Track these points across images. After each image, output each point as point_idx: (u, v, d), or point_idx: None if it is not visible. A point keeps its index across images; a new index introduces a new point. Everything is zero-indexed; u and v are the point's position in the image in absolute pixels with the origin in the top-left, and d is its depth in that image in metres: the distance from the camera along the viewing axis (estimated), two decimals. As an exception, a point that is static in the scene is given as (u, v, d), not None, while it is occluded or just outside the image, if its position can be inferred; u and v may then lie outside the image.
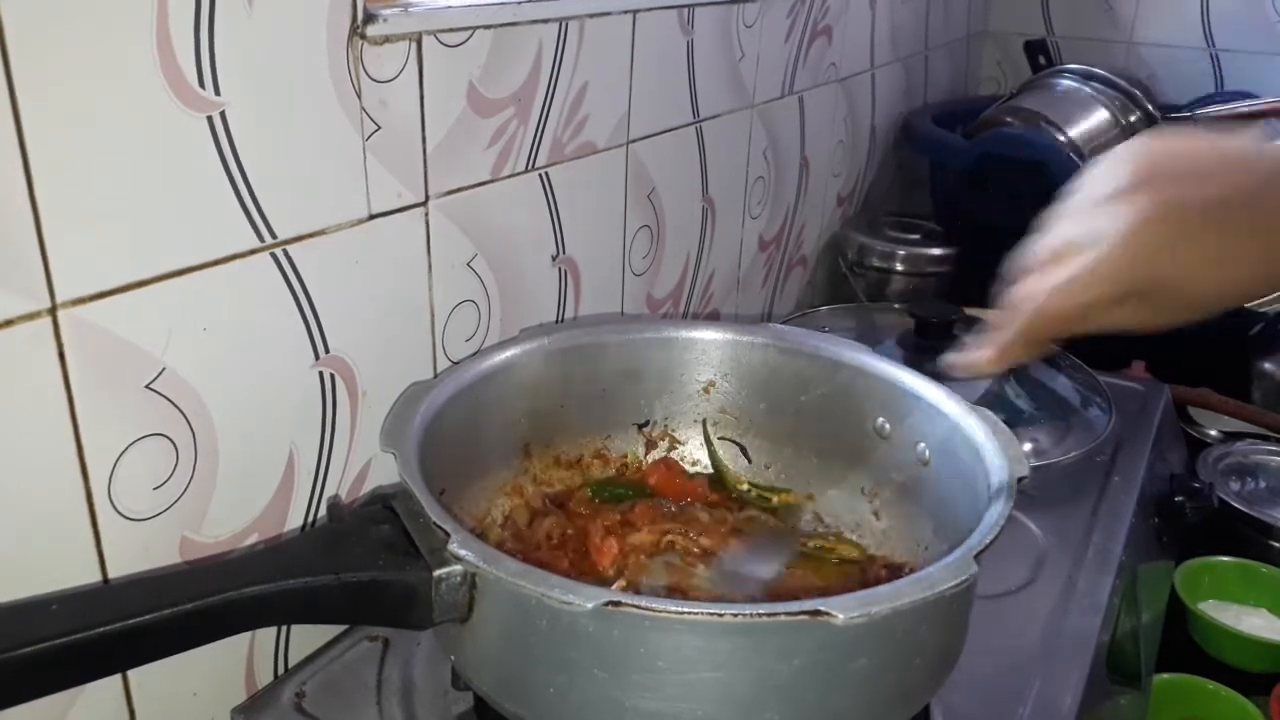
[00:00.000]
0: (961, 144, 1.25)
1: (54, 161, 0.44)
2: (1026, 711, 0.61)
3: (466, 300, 0.71)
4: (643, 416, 0.73)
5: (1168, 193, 0.46)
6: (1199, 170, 0.47)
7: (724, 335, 0.72)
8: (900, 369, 0.67)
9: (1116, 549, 0.77)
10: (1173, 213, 0.46)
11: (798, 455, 0.72)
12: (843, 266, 1.28)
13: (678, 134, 0.90)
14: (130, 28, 0.46)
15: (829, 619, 0.42)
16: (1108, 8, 1.67)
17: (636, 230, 0.88)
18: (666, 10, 0.83)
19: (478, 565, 0.46)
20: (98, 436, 0.49)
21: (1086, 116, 1.25)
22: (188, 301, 0.52)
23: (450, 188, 0.66)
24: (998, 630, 0.66)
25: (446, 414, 0.59)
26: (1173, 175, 0.46)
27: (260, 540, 0.60)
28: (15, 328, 0.45)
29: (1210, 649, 0.96)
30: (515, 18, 0.67)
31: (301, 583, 0.46)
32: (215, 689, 0.60)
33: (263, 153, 0.53)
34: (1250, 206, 0.46)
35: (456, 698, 0.59)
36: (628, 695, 0.45)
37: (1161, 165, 0.47)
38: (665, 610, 0.43)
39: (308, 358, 0.60)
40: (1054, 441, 0.86)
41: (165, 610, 0.42)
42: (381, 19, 0.57)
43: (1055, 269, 0.48)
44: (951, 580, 0.45)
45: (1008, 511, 0.51)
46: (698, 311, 1.02)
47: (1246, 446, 1.11)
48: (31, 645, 0.39)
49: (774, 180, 1.11)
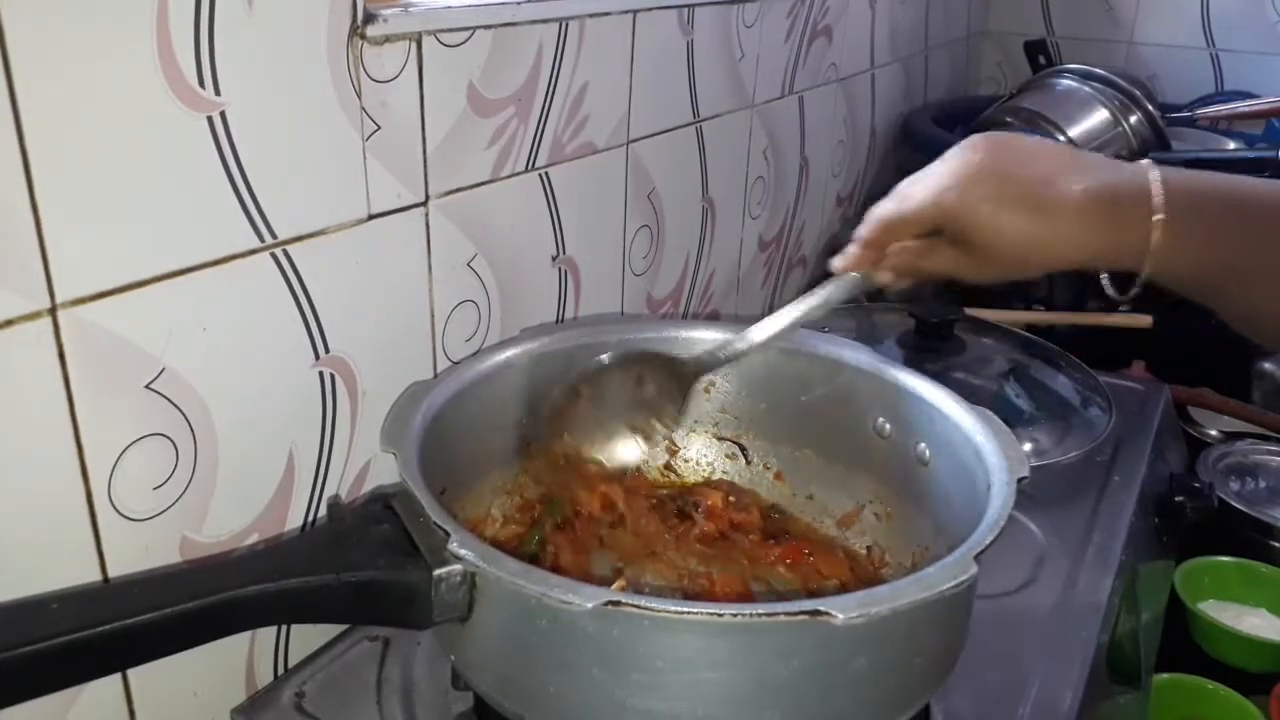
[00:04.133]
0: (961, 144, 1.25)
1: (54, 161, 0.44)
2: (1026, 711, 0.61)
3: (466, 300, 0.71)
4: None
5: (989, 157, 0.57)
6: (1024, 150, 0.58)
7: (724, 335, 0.72)
8: (900, 369, 0.67)
9: (1116, 549, 0.77)
10: (988, 171, 0.56)
11: (798, 455, 0.72)
12: (843, 266, 1.28)
13: (678, 134, 0.90)
14: (130, 28, 0.46)
15: (829, 619, 0.42)
16: (1108, 8, 1.67)
17: (636, 230, 0.88)
18: (666, 10, 0.83)
19: (478, 565, 0.46)
20: (98, 436, 0.49)
21: (1086, 116, 1.25)
22: (188, 301, 0.52)
23: (450, 188, 0.66)
24: (998, 630, 0.66)
25: (446, 414, 0.59)
26: (1000, 145, 0.58)
27: (260, 540, 0.60)
28: (15, 328, 0.45)
29: (1210, 649, 0.96)
30: (515, 18, 0.67)
31: (301, 582, 0.46)
32: (215, 689, 0.60)
33: (263, 153, 0.53)
34: (1042, 189, 0.55)
35: (456, 697, 0.59)
36: (627, 695, 0.45)
37: (997, 140, 0.59)
38: (665, 610, 0.43)
39: (308, 358, 0.60)
40: (1054, 441, 0.86)
41: (165, 610, 0.42)
42: (381, 19, 0.57)
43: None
44: (951, 580, 0.45)
45: (1008, 511, 0.51)
46: (698, 311, 1.02)
47: (1246, 446, 1.11)
48: (31, 645, 0.39)
49: (774, 180, 1.11)
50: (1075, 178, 0.55)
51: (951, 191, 0.56)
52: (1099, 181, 0.55)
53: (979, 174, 0.56)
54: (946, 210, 0.56)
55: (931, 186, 0.57)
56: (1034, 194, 0.55)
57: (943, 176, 0.57)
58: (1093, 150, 1.20)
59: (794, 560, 0.66)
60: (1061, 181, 0.55)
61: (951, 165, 0.57)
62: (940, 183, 0.57)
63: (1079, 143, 1.21)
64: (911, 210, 0.58)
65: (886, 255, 0.60)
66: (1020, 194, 0.55)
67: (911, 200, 0.58)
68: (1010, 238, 0.55)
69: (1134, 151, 1.23)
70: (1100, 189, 0.55)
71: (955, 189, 0.56)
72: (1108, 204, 0.55)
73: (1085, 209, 0.55)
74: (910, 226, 0.59)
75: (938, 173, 0.58)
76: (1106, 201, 0.55)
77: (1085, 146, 1.21)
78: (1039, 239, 0.55)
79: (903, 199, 0.59)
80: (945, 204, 0.56)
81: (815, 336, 0.71)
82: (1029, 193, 0.55)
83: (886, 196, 0.61)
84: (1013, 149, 0.58)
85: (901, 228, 0.59)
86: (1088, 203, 0.55)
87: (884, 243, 0.60)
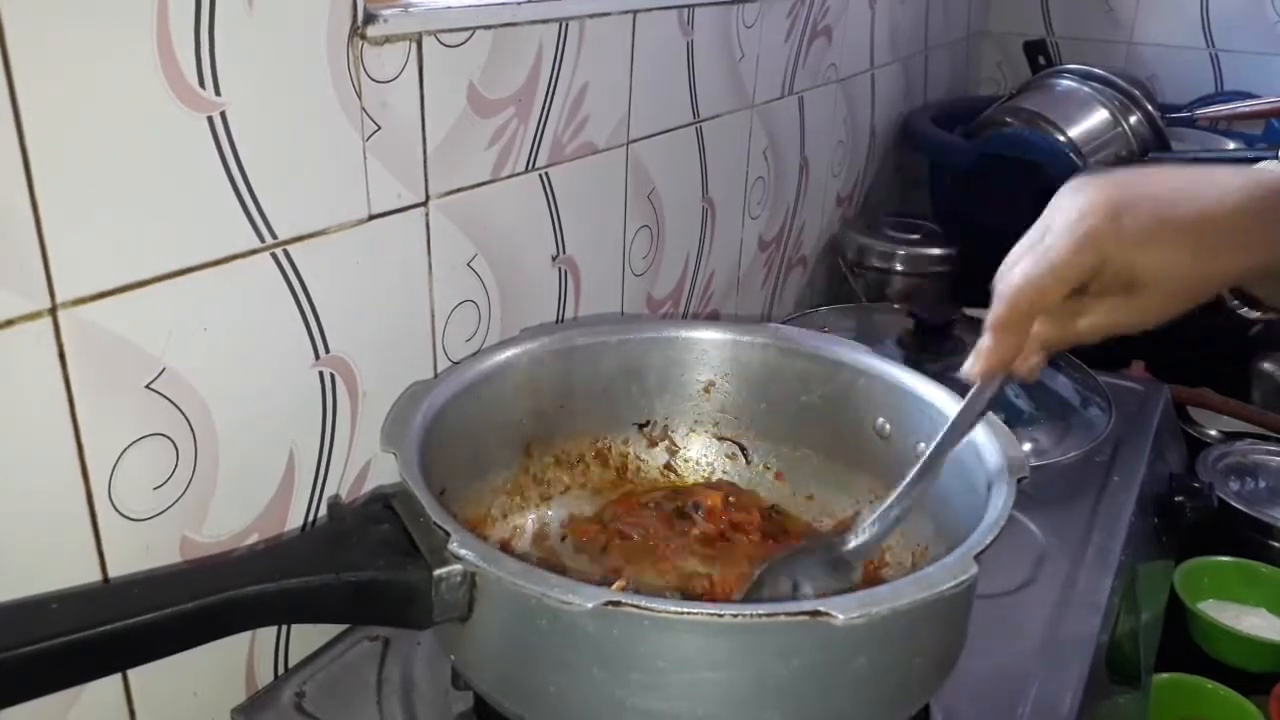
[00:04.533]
0: (961, 144, 1.25)
1: (54, 161, 0.44)
2: (1026, 711, 0.61)
3: (466, 300, 0.71)
4: (643, 416, 0.73)
5: (1111, 190, 0.50)
6: (1143, 175, 0.52)
7: (724, 335, 0.72)
8: (900, 369, 0.67)
9: (1116, 549, 0.77)
10: (1124, 202, 0.49)
11: (798, 455, 0.72)
12: (842, 267, 1.29)
13: (678, 134, 0.90)
14: (130, 28, 0.46)
15: (829, 619, 0.42)
16: (1108, 8, 1.67)
17: (636, 230, 0.88)
18: (666, 10, 0.83)
19: (478, 565, 0.46)
20: (98, 436, 0.49)
21: (1086, 117, 1.25)
22: (188, 301, 0.52)
23: (450, 188, 0.66)
24: (998, 630, 0.66)
25: (446, 414, 0.59)
26: (1114, 177, 0.51)
27: (261, 540, 0.60)
28: (16, 328, 0.45)
29: (1210, 649, 0.96)
30: (515, 18, 0.67)
31: (301, 582, 0.46)
32: (215, 689, 0.60)
33: (263, 153, 0.53)
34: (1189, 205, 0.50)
35: (456, 697, 0.59)
36: (628, 695, 0.45)
37: (1104, 174, 0.51)
38: (665, 610, 0.43)
39: (308, 358, 0.60)
40: (1054, 441, 0.86)
41: (165, 610, 0.42)
42: (381, 19, 0.57)
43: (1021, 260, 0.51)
44: (951, 580, 0.45)
45: (1008, 512, 0.51)
46: (698, 311, 1.02)
47: (1246, 446, 1.11)
48: (31, 645, 0.39)
49: (774, 180, 1.11)
50: (1214, 186, 0.50)
51: (1102, 229, 0.49)
52: (1246, 180, 0.50)
53: (1117, 207, 0.49)
54: (1105, 251, 0.49)
55: (1076, 232, 0.49)
56: (1185, 211, 0.49)
57: (1079, 219, 0.49)
58: (1092, 150, 1.20)
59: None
60: (1204, 192, 0.50)
61: (1080, 205, 0.50)
62: (1082, 225, 0.49)
63: (1079, 143, 1.21)
64: (1061, 261, 0.49)
65: (1032, 334, 0.52)
66: (1173, 214, 0.49)
67: (1057, 252, 0.49)
68: (1175, 262, 0.49)
69: (1134, 152, 1.23)
70: (1251, 186, 0.49)
71: (1104, 224, 0.48)
72: (1266, 200, 0.49)
73: (1245, 210, 0.49)
74: (1062, 285, 0.50)
75: (1066, 219, 0.50)
76: (1262, 199, 0.49)
77: (1085, 147, 1.21)
78: (1205, 257, 0.49)
79: (1042, 256, 0.49)
80: (1102, 244, 0.49)
81: (815, 336, 0.71)
82: (1181, 212, 0.49)
83: (1010, 266, 0.51)
84: (1129, 177, 0.51)
85: (1052, 288, 0.50)
86: (1246, 202, 0.49)
87: (1029, 318, 0.51)
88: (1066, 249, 0.49)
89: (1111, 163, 1.21)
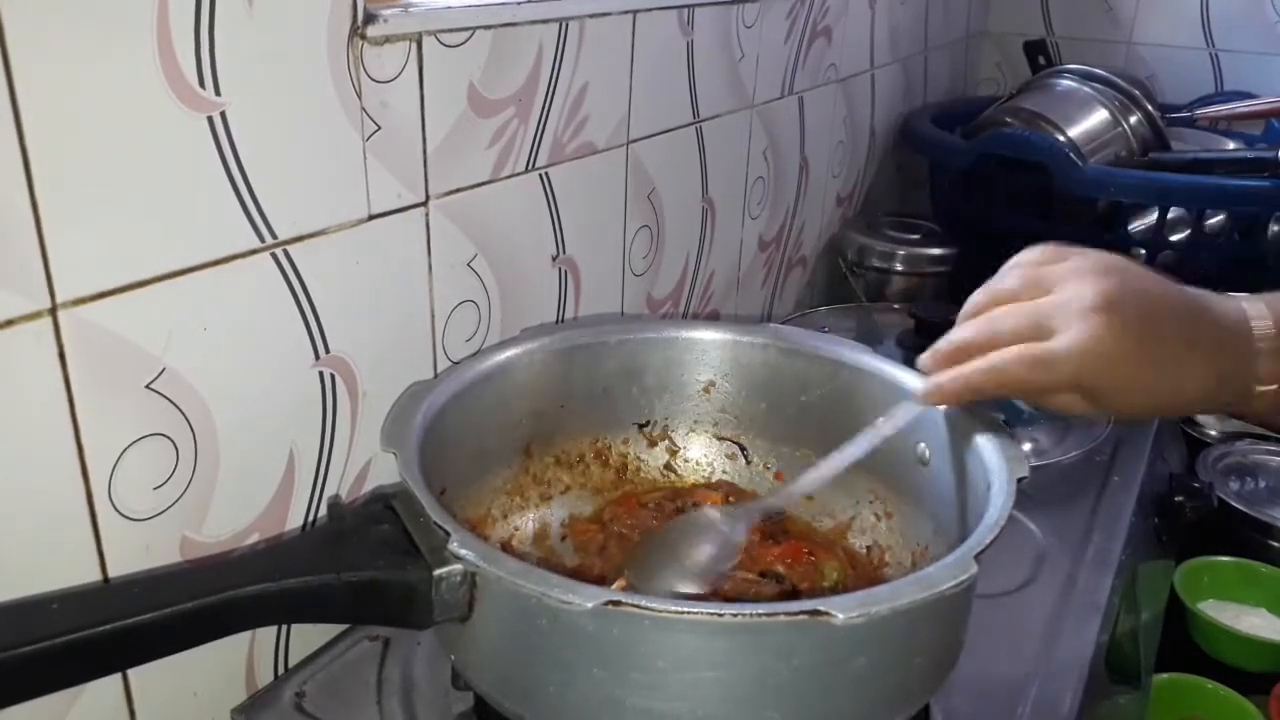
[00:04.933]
0: (961, 144, 1.25)
1: (54, 161, 0.44)
2: (1026, 711, 0.61)
3: (466, 300, 0.71)
4: (643, 416, 0.73)
5: (1132, 322, 0.53)
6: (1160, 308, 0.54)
7: (724, 335, 0.72)
8: (900, 369, 0.67)
9: (1116, 549, 0.77)
10: (1130, 337, 0.52)
11: (798, 455, 0.72)
12: (842, 267, 1.29)
13: (678, 134, 0.90)
14: (130, 28, 0.46)
15: (828, 619, 0.42)
16: (1108, 8, 1.67)
17: (636, 230, 0.88)
18: (666, 10, 0.83)
19: (478, 565, 0.46)
20: (98, 436, 0.49)
21: (1086, 117, 1.25)
22: (188, 301, 0.52)
23: (450, 188, 0.66)
24: (998, 630, 0.66)
25: (446, 414, 0.59)
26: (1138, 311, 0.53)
27: (261, 540, 0.60)
28: (15, 328, 0.45)
29: (1210, 648, 0.96)
30: (515, 18, 0.67)
31: (301, 582, 0.46)
32: (215, 689, 0.60)
33: (263, 153, 0.53)
34: (1196, 345, 0.54)
35: (457, 697, 0.59)
36: (627, 694, 0.45)
37: (1130, 296, 0.53)
38: (665, 610, 0.43)
39: (308, 358, 0.60)
40: (1054, 441, 0.86)
41: (165, 610, 0.42)
42: (381, 19, 0.57)
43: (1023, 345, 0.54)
44: (951, 580, 0.45)
45: (1008, 511, 0.51)
46: (698, 311, 1.02)
47: (1246, 446, 1.11)
48: (31, 645, 0.39)
49: (774, 180, 1.11)
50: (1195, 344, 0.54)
51: (1098, 363, 0.52)
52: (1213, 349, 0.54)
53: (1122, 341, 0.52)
54: (1087, 384, 0.53)
55: (1088, 352, 0.52)
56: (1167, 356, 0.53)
57: (1093, 341, 0.52)
58: (1092, 150, 1.20)
59: (794, 560, 0.66)
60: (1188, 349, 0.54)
61: (1095, 329, 0.52)
62: (1076, 355, 0.52)
63: (1079, 143, 1.21)
64: (1062, 378, 0.53)
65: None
66: (1159, 352, 0.53)
67: (1061, 364, 0.52)
68: (1146, 408, 0.55)
69: (1133, 151, 1.23)
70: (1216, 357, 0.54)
71: (1099, 359, 0.52)
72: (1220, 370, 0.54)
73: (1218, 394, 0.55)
74: (1048, 390, 0.54)
75: (1080, 337, 0.52)
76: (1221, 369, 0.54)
77: (1085, 146, 1.20)
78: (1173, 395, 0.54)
79: (1048, 361, 0.52)
80: (1087, 378, 0.53)
81: (815, 336, 0.71)
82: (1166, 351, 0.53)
83: (1001, 319, 0.55)
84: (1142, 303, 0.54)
85: (1037, 389, 0.54)
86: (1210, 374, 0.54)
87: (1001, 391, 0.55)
88: (1069, 367, 0.52)
89: (1111, 162, 1.21)
